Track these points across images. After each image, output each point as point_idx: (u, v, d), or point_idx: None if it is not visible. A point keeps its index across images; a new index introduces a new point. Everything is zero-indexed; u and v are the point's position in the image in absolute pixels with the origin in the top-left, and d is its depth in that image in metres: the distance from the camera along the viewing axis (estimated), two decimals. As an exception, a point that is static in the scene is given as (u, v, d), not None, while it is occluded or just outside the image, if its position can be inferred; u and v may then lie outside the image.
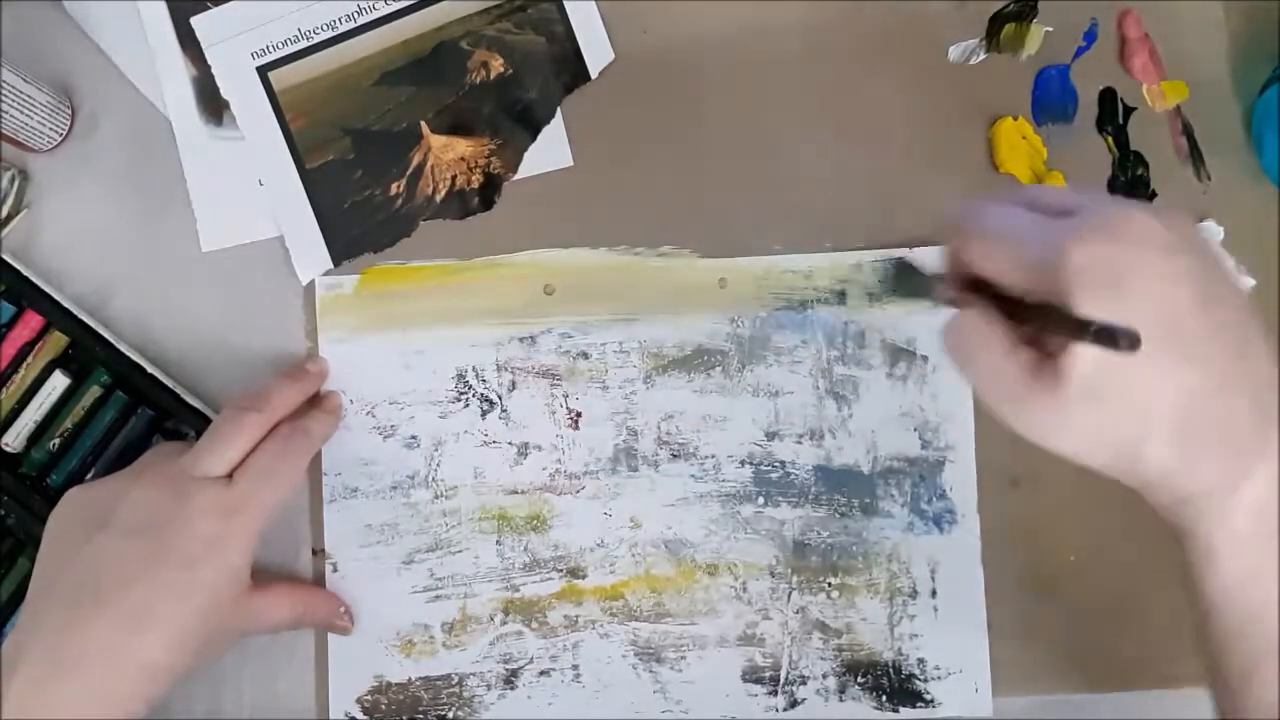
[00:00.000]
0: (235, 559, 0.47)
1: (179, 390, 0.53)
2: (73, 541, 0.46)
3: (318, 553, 0.54)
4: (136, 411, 0.53)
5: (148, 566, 0.45)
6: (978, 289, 0.39)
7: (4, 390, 0.53)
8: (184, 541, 0.45)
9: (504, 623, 0.54)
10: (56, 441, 0.53)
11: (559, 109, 0.55)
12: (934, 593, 0.54)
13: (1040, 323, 0.37)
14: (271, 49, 0.55)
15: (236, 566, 0.47)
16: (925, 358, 0.55)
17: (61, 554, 0.46)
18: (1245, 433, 0.36)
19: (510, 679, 0.54)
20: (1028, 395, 0.36)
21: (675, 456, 0.55)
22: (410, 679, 0.53)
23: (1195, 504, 0.37)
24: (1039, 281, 0.36)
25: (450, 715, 0.53)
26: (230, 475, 0.47)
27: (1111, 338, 0.33)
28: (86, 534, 0.46)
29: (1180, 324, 0.35)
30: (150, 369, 0.53)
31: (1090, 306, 0.34)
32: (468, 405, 0.54)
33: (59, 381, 0.53)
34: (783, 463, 0.55)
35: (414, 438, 0.54)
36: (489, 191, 0.55)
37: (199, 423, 0.53)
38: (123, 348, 0.53)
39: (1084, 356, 0.35)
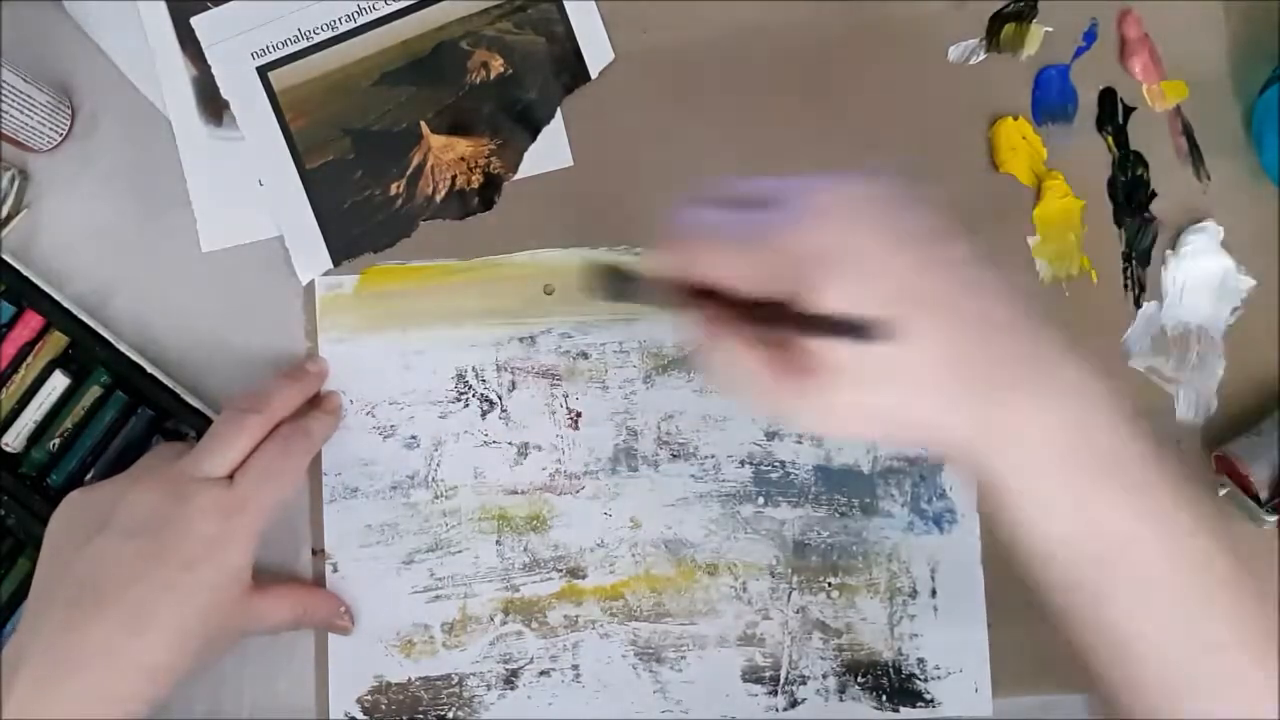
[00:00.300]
0: (236, 559, 0.47)
1: (179, 390, 0.53)
2: (73, 543, 0.46)
3: (318, 553, 0.54)
4: (136, 411, 0.53)
5: (148, 567, 0.45)
6: (704, 297, 0.37)
7: (4, 390, 0.53)
8: (184, 542, 0.45)
9: (504, 623, 0.54)
10: (56, 441, 0.53)
11: (559, 109, 0.55)
12: (934, 592, 0.54)
13: (788, 325, 0.36)
14: (271, 49, 0.55)
15: (237, 567, 0.47)
16: (925, 358, 0.55)
17: (62, 556, 0.46)
18: (1007, 374, 0.36)
19: (510, 679, 0.54)
20: (794, 393, 0.36)
21: (675, 456, 0.55)
22: (410, 679, 0.53)
23: (975, 451, 0.37)
24: (763, 281, 0.36)
25: (450, 715, 0.53)
26: (230, 476, 0.48)
27: (867, 332, 0.33)
28: (87, 536, 0.46)
29: (917, 290, 0.35)
30: (150, 369, 0.53)
31: (828, 298, 0.34)
32: (468, 405, 0.54)
33: (59, 381, 0.53)
34: (782, 462, 0.55)
35: (414, 438, 0.54)
36: (489, 191, 0.55)
37: (199, 423, 0.53)
38: (123, 348, 0.53)
39: (836, 348, 0.35)
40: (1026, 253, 0.56)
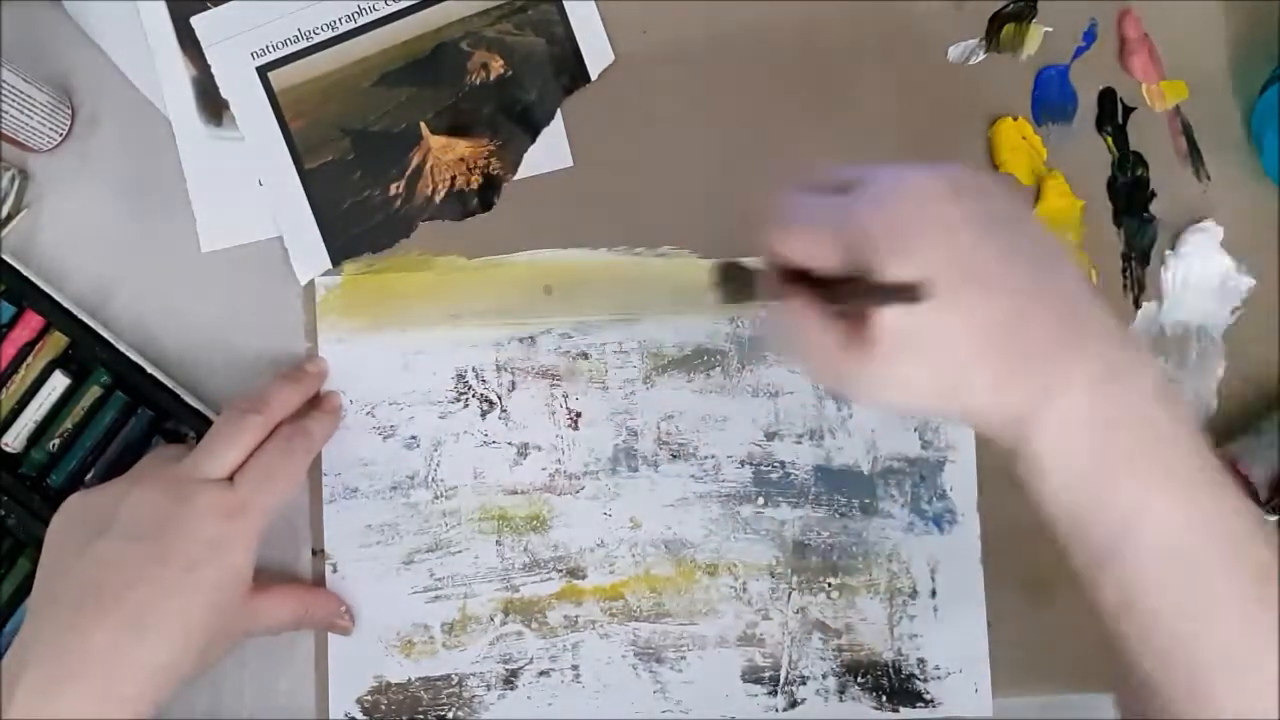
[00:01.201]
0: (237, 560, 0.47)
1: (179, 391, 0.53)
2: (74, 547, 0.46)
3: (318, 553, 0.54)
4: (136, 412, 0.53)
5: (150, 569, 0.45)
6: (798, 281, 0.41)
7: (4, 390, 0.53)
8: (185, 544, 0.45)
9: (504, 623, 0.54)
10: (56, 442, 0.53)
11: (559, 110, 0.55)
12: (934, 593, 0.54)
13: (849, 295, 0.39)
14: (271, 49, 0.55)
15: (238, 568, 0.47)
16: (925, 358, 0.55)
17: (63, 560, 0.46)
18: (1052, 349, 0.38)
19: (510, 679, 0.54)
20: (849, 363, 0.39)
21: (675, 457, 0.55)
22: (410, 679, 0.53)
23: (1018, 423, 0.38)
24: (843, 257, 0.38)
25: (450, 715, 0.53)
26: (231, 478, 0.48)
27: (900, 294, 0.37)
28: (88, 538, 0.46)
29: (968, 263, 0.37)
30: (150, 369, 0.53)
31: (889, 268, 0.37)
32: (467, 405, 0.54)
33: (59, 382, 0.53)
34: (782, 463, 0.55)
35: (414, 438, 0.54)
36: (488, 192, 0.55)
37: (199, 423, 0.53)
38: (123, 348, 0.53)
39: (886, 314, 0.37)
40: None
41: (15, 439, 0.53)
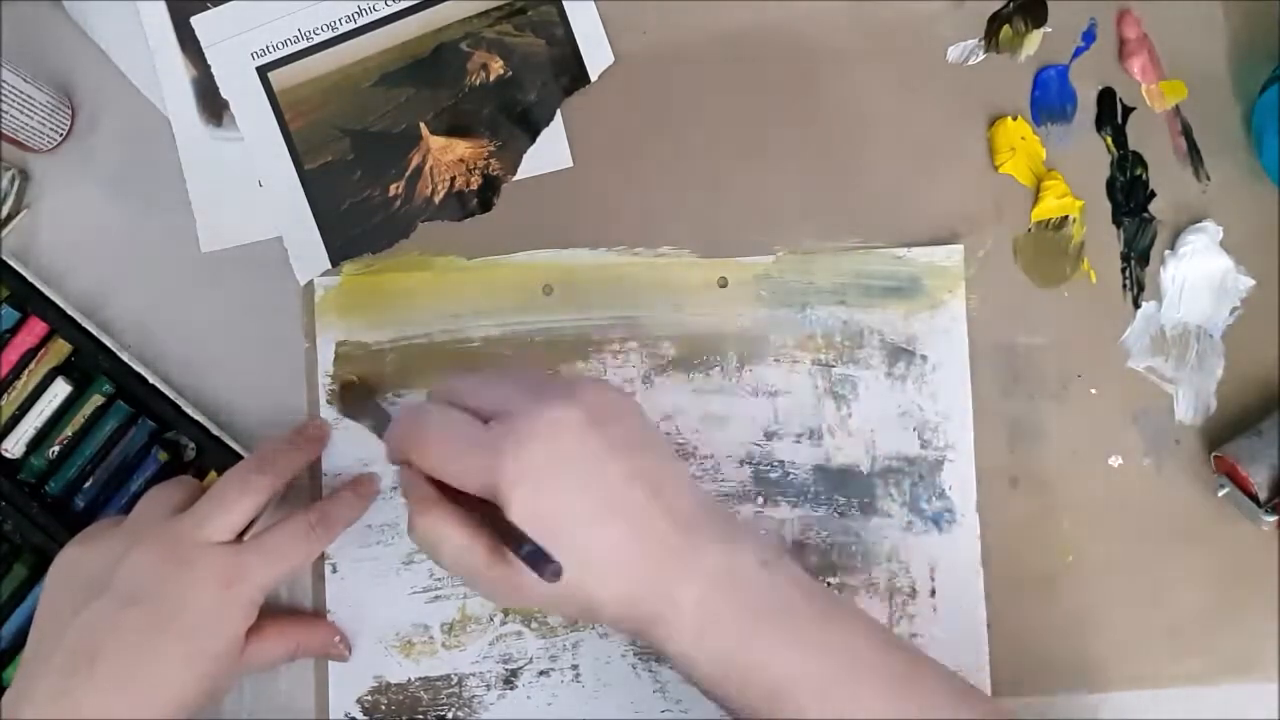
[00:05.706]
0: (232, 629, 0.46)
1: (181, 402, 0.53)
2: (71, 605, 0.45)
3: (318, 553, 0.54)
4: (137, 422, 0.53)
5: (144, 637, 0.44)
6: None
7: (5, 396, 0.53)
8: (183, 611, 0.45)
9: (503, 623, 0.54)
10: (56, 449, 0.53)
11: (559, 110, 0.55)
12: (933, 592, 0.54)
13: (489, 521, 0.41)
14: (271, 49, 0.55)
15: (234, 637, 0.46)
16: (924, 357, 0.55)
17: (58, 617, 0.45)
18: (666, 559, 0.41)
19: (510, 679, 0.54)
20: (493, 575, 0.41)
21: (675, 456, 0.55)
22: (410, 679, 0.54)
23: (654, 626, 0.41)
24: (480, 487, 0.40)
25: (450, 715, 0.53)
26: (235, 540, 0.47)
27: (537, 564, 0.38)
28: (84, 599, 0.45)
29: (591, 492, 0.41)
30: (152, 380, 0.53)
31: (519, 508, 0.39)
32: (467, 406, 0.54)
33: (60, 389, 0.53)
34: (782, 462, 0.55)
35: (414, 438, 0.54)
36: (487, 193, 0.55)
37: (199, 435, 0.53)
38: (125, 358, 0.53)
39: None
40: (1026, 253, 0.56)
41: (15, 445, 0.53)
